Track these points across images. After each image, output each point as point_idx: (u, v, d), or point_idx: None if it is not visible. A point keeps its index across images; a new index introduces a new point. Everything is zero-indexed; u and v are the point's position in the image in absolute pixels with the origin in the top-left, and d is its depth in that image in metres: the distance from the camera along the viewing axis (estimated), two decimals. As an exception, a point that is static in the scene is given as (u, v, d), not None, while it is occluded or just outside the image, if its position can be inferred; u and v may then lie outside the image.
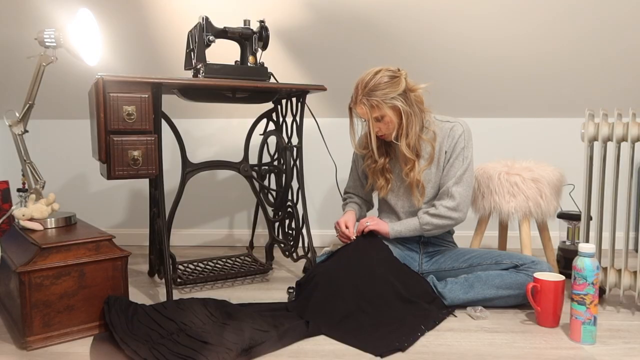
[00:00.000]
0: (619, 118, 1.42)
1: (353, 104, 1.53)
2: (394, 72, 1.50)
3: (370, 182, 1.69)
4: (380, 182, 1.64)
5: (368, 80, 1.48)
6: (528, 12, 1.89)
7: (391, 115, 1.49)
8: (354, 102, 1.52)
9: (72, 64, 1.71)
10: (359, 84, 1.50)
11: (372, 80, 1.48)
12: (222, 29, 1.61)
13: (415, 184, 1.57)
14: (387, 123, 1.51)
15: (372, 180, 1.67)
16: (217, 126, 2.32)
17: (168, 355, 1.11)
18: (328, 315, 1.34)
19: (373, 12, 1.92)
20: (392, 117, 1.50)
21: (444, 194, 1.55)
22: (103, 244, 1.33)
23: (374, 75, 1.48)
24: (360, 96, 1.49)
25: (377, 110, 1.48)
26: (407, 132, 1.51)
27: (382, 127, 1.53)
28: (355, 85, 1.52)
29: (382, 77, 1.48)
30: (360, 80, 1.51)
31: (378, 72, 1.49)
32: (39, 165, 1.56)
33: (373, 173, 1.65)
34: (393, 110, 1.49)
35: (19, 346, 1.23)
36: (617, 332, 1.30)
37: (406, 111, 1.49)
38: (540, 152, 2.24)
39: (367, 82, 1.48)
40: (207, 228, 2.38)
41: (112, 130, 1.38)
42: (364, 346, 1.21)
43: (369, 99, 1.47)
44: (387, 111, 1.48)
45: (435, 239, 1.65)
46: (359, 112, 1.53)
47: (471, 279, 1.46)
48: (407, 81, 1.51)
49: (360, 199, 1.77)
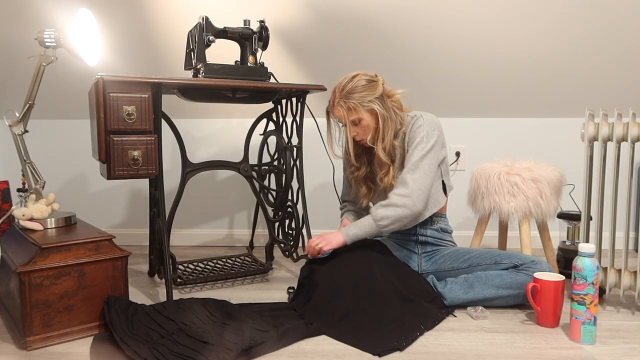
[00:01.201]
0: (619, 118, 1.42)
1: (331, 107, 1.55)
2: (372, 76, 1.52)
3: (353, 190, 1.69)
4: (363, 191, 1.64)
5: (345, 84, 1.50)
6: (528, 14, 1.89)
7: (368, 119, 1.50)
8: (332, 105, 1.54)
9: (72, 64, 1.71)
10: (337, 88, 1.52)
11: (350, 83, 1.49)
12: (222, 29, 1.61)
13: (390, 188, 1.55)
14: (363, 127, 1.52)
15: (354, 188, 1.67)
16: (217, 126, 2.32)
17: (168, 355, 1.11)
18: (327, 315, 1.35)
19: (373, 13, 1.92)
20: (368, 121, 1.51)
21: (399, 183, 1.50)
22: (103, 244, 1.33)
23: (352, 79, 1.51)
24: (338, 99, 1.50)
25: (354, 113, 1.49)
26: (384, 136, 1.52)
27: (359, 131, 1.53)
28: (333, 90, 1.54)
29: (359, 80, 1.50)
30: (337, 84, 1.53)
31: (355, 76, 1.51)
32: (39, 165, 1.56)
33: (355, 181, 1.65)
34: (370, 113, 1.50)
35: (19, 346, 1.23)
36: (617, 332, 1.30)
37: (383, 114, 1.50)
38: (540, 152, 2.24)
39: (344, 86, 1.50)
40: (207, 228, 2.38)
41: (112, 130, 1.38)
42: (362, 345, 1.21)
43: (347, 102, 1.48)
44: (364, 114, 1.49)
45: (434, 239, 1.65)
46: (336, 115, 1.54)
47: (471, 279, 1.46)
48: (385, 87, 1.53)
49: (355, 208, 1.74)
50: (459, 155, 2.27)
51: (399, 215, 1.47)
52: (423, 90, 2.15)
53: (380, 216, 1.47)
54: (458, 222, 2.29)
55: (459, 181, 2.22)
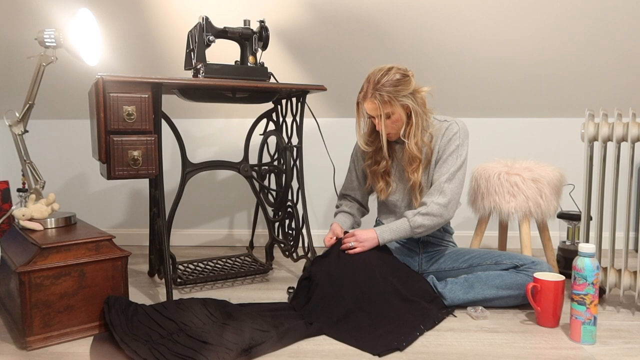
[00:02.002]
0: (619, 118, 1.42)
1: (362, 98, 1.50)
2: (405, 71, 1.49)
3: (369, 183, 1.68)
4: (380, 185, 1.62)
5: (380, 77, 1.46)
6: (528, 13, 1.89)
7: (400, 113, 1.48)
8: (364, 97, 1.49)
9: (72, 64, 1.71)
10: (371, 79, 1.48)
11: (385, 76, 1.46)
12: (222, 29, 1.61)
13: (418, 184, 1.55)
14: (394, 121, 1.50)
15: (371, 181, 1.66)
16: (217, 126, 2.32)
17: (168, 355, 1.11)
18: (327, 315, 1.35)
19: (373, 12, 1.92)
20: (400, 116, 1.49)
21: (436, 190, 1.50)
22: (103, 244, 1.33)
23: (387, 72, 1.47)
24: (372, 91, 1.46)
25: (389, 107, 1.46)
26: (416, 131, 1.50)
27: (389, 125, 1.51)
28: (366, 80, 1.50)
29: (394, 74, 1.46)
30: (372, 76, 1.48)
31: (390, 70, 1.47)
32: (39, 165, 1.56)
33: (373, 175, 1.64)
34: (403, 108, 1.48)
35: (19, 346, 1.23)
36: (617, 332, 1.30)
37: (416, 110, 1.48)
38: (540, 152, 2.24)
39: (379, 78, 1.46)
40: (207, 228, 2.38)
41: (112, 130, 1.38)
42: (362, 345, 1.21)
43: (382, 94, 1.45)
44: (397, 109, 1.47)
45: (435, 239, 1.65)
46: (368, 107, 1.50)
47: (471, 279, 1.46)
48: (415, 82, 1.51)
49: (355, 204, 1.73)
50: (459, 155, 2.27)
51: (435, 224, 1.50)
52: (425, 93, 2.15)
53: (418, 224, 1.49)
54: (458, 222, 2.29)
55: (459, 181, 2.22)
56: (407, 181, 1.59)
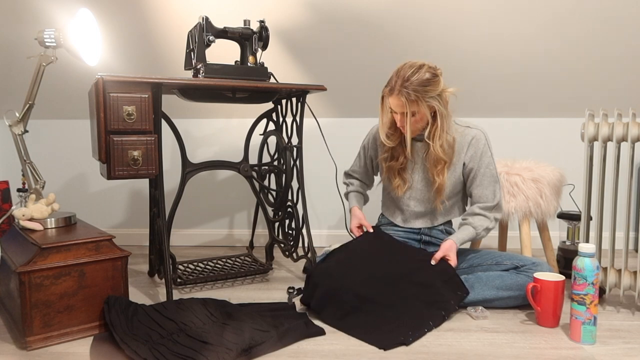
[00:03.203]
0: (619, 118, 1.42)
1: (389, 92, 1.46)
2: (435, 69, 1.46)
3: (383, 177, 1.67)
4: (397, 182, 1.59)
5: (411, 74, 1.42)
6: (528, 12, 1.89)
7: (425, 113, 1.46)
8: (391, 92, 1.45)
9: (72, 64, 1.71)
10: (399, 75, 1.43)
11: (416, 75, 1.42)
12: (222, 29, 1.61)
13: (443, 186, 1.53)
14: (418, 120, 1.48)
15: (386, 176, 1.63)
16: (217, 126, 2.32)
17: (168, 355, 1.11)
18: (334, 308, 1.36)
19: (373, 12, 1.92)
20: (424, 115, 1.46)
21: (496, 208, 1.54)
22: (103, 244, 1.33)
23: (418, 69, 1.43)
24: (400, 87, 1.42)
25: (415, 106, 1.43)
26: (441, 134, 1.48)
27: (412, 123, 1.48)
28: (395, 74, 1.45)
29: (425, 73, 1.43)
30: (402, 71, 1.44)
31: (421, 68, 1.43)
32: (39, 165, 1.56)
33: (389, 170, 1.60)
34: (429, 108, 1.46)
35: (19, 346, 1.23)
36: (617, 332, 1.30)
37: (442, 112, 1.46)
38: (540, 152, 2.24)
39: (409, 76, 1.42)
40: (207, 228, 2.38)
41: (112, 130, 1.38)
42: (368, 339, 1.24)
43: (409, 93, 1.41)
44: (423, 109, 1.44)
45: (436, 239, 1.65)
46: (392, 103, 1.46)
47: (471, 280, 1.46)
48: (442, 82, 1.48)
49: (362, 183, 1.78)
50: (459, 155, 2.27)
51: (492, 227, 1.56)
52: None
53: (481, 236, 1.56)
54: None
55: (459, 181, 2.22)
56: (429, 182, 1.57)
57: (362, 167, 1.75)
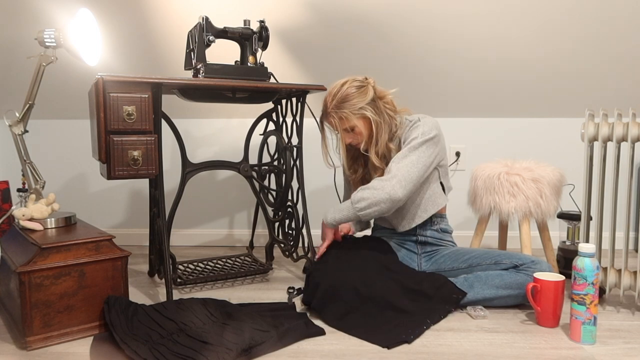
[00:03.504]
0: (619, 118, 1.42)
1: (324, 116, 1.57)
2: (361, 81, 1.51)
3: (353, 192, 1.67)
4: None
5: (335, 92, 1.50)
6: (528, 13, 1.89)
7: (361, 126, 1.51)
8: (324, 115, 1.56)
9: (72, 64, 1.71)
10: (328, 96, 1.53)
11: (340, 91, 1.49)
12: (222, 29, 1.61)
13: None
14: (357, 134, 1.53)
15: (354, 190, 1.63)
16: (217, 126, 2.32)
17: (168, 355, 1.11)
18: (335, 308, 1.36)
19: (373, 13, 1.92)
20: (362, 128, 1.51)
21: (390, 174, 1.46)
22: (103, 244, 1.33)
23: (341, 86, 1.50)
24: (330, 109, 1.51)
25: (347, 122, 1.50)
26: (377, 141, 1.52)
27: (353, 138, 1.55)
28: (324, 98, 1.55)
29: (349, 87, 1.49)
30: (328, 93, 1.53)
31: (345, 83, 1.51)
32: (39, 165, 1.56)
33: (354, 183, 1.66)
34: (363, 120, 1.51)
35: (19, 346, 1.23)
36: (617, 332, 1.30)
37: (376, 121, 1.50)
38: (540, 152, 2.24)
39: (334, 94, 1.50)
40: (207, 228, 2.38)
41: (112, 130, 1.38)
42: (370, 338, 1.24)
43: (338, 111, 1.49)
44: (357, 122, 1.50)
45: (434, 239, 1.65)
46: (330, 124, 1.55)
47: (471, 279, 1.46)
48: (376, 89, 1.52)
49: None
50: (459, 155, 2.27)
51: (375, 198, 1.43)
52: (423, 90, 2.15)
53: (357, 198, 1.46)
54: (458, 222, 2.29)
55: (459, 181, 2.22)
56: None
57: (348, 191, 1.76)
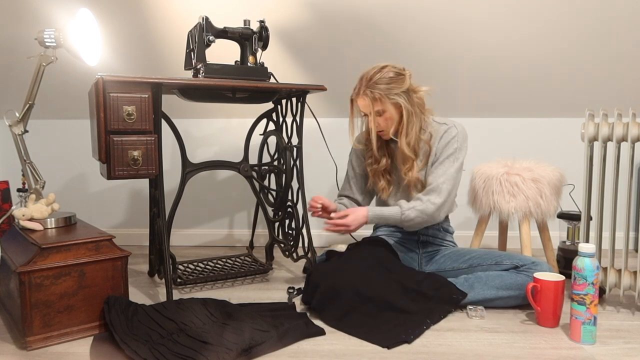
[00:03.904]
0: (619, 118, 1.42)
1: (355, 95, 1.54)
2: (400, 70, 1.52)
3: (370, 183, 1.68)
4: (382, 184, 1.63)
5: (373, 74, 1.49)
6: (528, 13, 1.89)
7: (392, 112, 1.50)
8: (357, 94, 1.53)
9: (72, 64, 1.71)
10: (364, 77, 1.51)
11: (378, 74, 1.49)
12: (222, 29, 1.61)
13: (414, 183, 1.56)
14: (387, 119, 1.52)
15: (372, 181, 1.66)
16: (217, 126, 2.32)
17: (168, 355, 1.11)
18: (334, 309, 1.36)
19: (373, 12, 1.92)
20: (392, 114, 1.51)
21: (433, 190, 1.51)
22: (103, 244, 1.33)
23: (380, 69, 1.50)
24: (364, 88, 1.49)
25: (379, 104, 1.49)
26: (407, 131, 1.52)
27: (381, 123, 1.53)
28: (359, 78, 1.53)
29: (387, 72, 1.49)
30: (365, 73, 1.52)
31: (384, 68, 1.50)
32: (39, 165, 1.56)
33: (374, 174, 1.64)
34: (394, 106, 1.50)
35: (19, 346, 1.23)
36: (617, 332, 1.30)
37: (408, 109, 1.50)
38: (540, 152, 2.24)
39: (372, 76, 1.49)
40: (207, 228, 2.38)
41: (112, 130, 1.38)
42: (370, 338, 1.24)
43: (373, 91, 1.48)
44: (389, 106, 1.49)
45: (435, 239, 1.65)
46: (360, 104, 1.53)
47: (471, 280, 1.46)
48: (411, 82, 1.52)
49: (350, 200, 1.73)
50: (459, 155, 2.27)
51: (424, 223, 1.52)
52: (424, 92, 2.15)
53: (409, 218, 1.50)
54: (458, 222, 2.29)
55: (459, 181, 2.22)
56: (402, 180, 1.60)
57: (350, 179, 1.73)
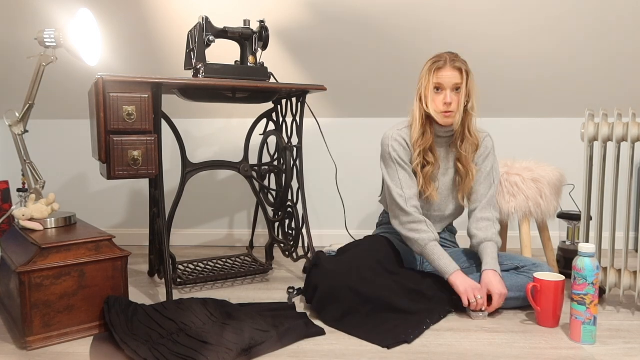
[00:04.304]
0: (619, 118, 1.41)
1: (443, 64, 1.42)
2: None
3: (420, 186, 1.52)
4: (432, 188, 1.52)
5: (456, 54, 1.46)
6: (528, 12, 1.89)
7: (464, 92, 1.43)
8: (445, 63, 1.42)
9: (72, 64, 1.71)
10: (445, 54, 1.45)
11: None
12: (222, 29, 1.61)
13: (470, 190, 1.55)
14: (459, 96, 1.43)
15: (421, 184, 1.51)
16: (217, 126, 2.32)
17: (168, 355, 1.11)
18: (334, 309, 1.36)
19: (373, 12, 1.92)
20: (464, 94, 1.43)
21: (491, 205, 1.52)
22: (103, 244, 1.33)
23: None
24: (455, 58, 1.44)
25: (464, 77, 1.42)
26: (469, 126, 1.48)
27: (454, 100, 1.43)
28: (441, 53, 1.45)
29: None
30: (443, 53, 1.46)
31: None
32: (39, 165, 1.56)
33: (425, 177, 1.50)
34: (467, 93, 1.44)
35: (19, 346, 1.23)
36: (617, 332, 1.30)
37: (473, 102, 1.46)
38: (541, 152, 2.24)
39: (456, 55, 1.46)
40: (207, 228, 2.38)
41: (112, 130, 1.38)
42: (370, 338, 1.24)
43: (465, 65, 1.44)
44: (468, 85, 1.44)
45: (441, 240, 1.65)
46: (447, 74, 1.42)
47: (472, 280, 1.46)
48: None
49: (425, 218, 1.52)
50: (459, 155, 2.27)
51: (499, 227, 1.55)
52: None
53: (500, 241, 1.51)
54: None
55: (459, 181, 2.22)
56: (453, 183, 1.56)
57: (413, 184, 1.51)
